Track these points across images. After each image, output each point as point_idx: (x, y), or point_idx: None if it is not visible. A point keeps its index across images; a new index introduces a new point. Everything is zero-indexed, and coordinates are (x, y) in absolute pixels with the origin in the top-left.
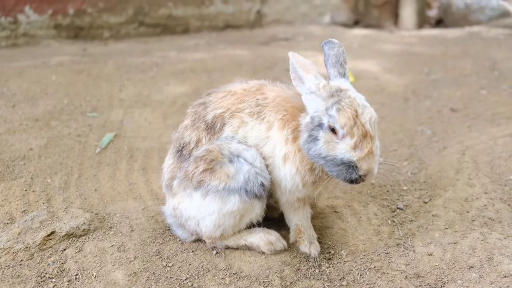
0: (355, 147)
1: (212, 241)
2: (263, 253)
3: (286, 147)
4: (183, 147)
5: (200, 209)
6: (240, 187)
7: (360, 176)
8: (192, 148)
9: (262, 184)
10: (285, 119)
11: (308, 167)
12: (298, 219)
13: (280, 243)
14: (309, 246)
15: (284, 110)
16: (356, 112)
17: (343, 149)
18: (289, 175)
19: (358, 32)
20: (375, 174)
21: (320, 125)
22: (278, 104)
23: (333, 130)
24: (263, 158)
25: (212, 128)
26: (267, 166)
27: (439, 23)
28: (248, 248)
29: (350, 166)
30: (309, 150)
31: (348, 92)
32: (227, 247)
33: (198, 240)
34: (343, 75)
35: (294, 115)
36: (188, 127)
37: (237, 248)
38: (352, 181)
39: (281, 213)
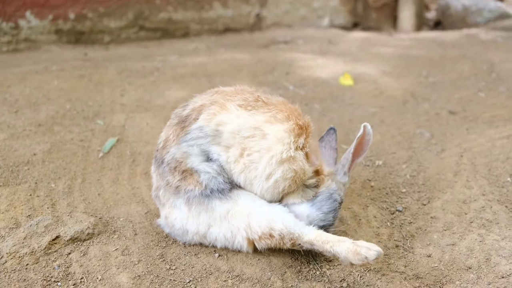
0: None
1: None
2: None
3: (297, 152)
4: (156, 150)
5: (192, 222)
6: (212, 190)
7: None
8: (160, 148)
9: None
10: (304, 129)
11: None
12: None
13: (373, 251)
14: None
15: (307, 122)
16: None
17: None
18: (277, 176)
19: (357, 35)
20: None
21: (340, 203)
22: (294, 110)
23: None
24: (242, 148)
25: (184, 122)
26: (238, 160)
27: (437, 25)
28: (334, 256)
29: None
30: (322, 197)
31: None
32: (313, 248)
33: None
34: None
35: (310, 135)
36: (164, 128)
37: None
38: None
39: None
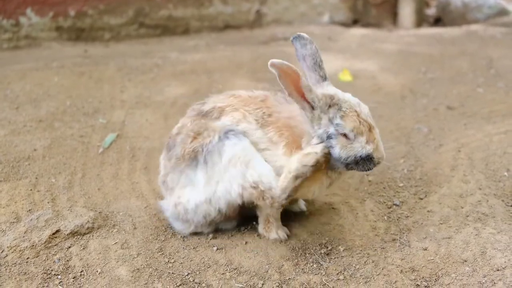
0: (367, 142)
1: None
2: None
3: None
4: (169, 137)
5: (206, 189)
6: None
7: (376, 163)
8: (174, 134)
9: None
10: (289, 146)
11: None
12: (271, 210)
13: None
14: (276, 232)
15: (285, 138)
16: (356, 112)
17: (359, 147)
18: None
19: (356, 31)
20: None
21: (329, 136)
22: (281, 128)
23: (344, 135)
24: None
25: (204, 116)
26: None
27: (437, 21)
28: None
29: (368, 159)
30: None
31: (339, 96)
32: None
33: (196, 233)
34: (324, 78)
35: (296, 141)
36: (180, 120)
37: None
38: (371, 169)
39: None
